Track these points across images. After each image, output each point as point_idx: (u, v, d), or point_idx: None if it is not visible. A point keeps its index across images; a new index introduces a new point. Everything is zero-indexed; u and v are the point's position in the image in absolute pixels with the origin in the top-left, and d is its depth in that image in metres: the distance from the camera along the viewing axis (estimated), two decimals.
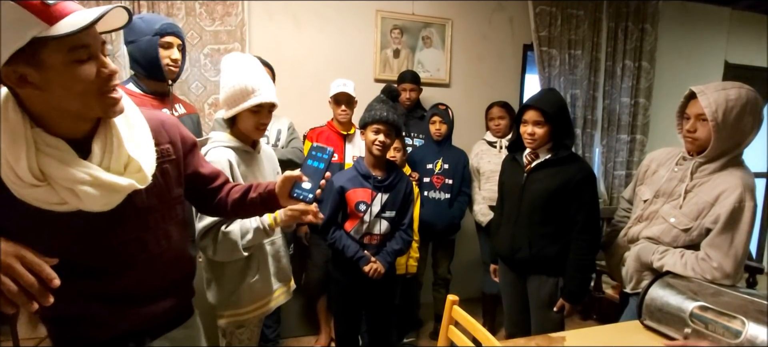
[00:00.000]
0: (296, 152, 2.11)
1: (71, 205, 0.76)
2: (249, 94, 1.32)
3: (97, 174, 0.76)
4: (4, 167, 0.71)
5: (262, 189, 1.07)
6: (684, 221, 1.39)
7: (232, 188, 1.11)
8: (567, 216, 1.63)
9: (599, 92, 3.12)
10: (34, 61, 0.69)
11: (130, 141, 0.83)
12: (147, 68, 1.57)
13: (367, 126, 1.77)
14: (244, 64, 1.35)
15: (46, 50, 0.69)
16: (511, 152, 1.85)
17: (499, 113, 2.57)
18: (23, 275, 0.70)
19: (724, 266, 1.29)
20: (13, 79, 0.70)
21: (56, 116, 0.76)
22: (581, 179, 1.60)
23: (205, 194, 1.10)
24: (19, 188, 0.72)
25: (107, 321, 0.91)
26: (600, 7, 3.02)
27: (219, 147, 1.34)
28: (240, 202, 1.08)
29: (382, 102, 1.78)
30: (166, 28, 1.57)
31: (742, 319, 1.06)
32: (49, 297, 0.73)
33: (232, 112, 1.35)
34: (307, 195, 1.01)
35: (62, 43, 0.69)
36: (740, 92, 1.31)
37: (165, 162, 0.93)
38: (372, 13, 2.74)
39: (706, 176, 1.38)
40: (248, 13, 2.45)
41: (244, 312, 1.41)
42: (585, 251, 1.62)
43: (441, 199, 2.43)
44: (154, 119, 0.94)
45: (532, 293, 1.74)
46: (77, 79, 0.72)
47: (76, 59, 0.72)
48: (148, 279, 0.94)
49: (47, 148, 0.74)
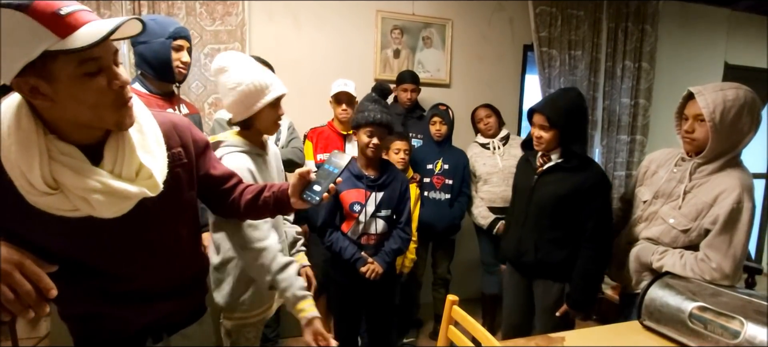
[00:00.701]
0: (296, 152, 2.11)
1: (83, 211, 0.76)
2: (265, 89, 1.26)
3: (109, 182, 0.76)
4: (18, 175, 0.71)
5: (276, 190, 1.07)
6: (683, 222, 1.39)
7: (246, 189, 1.11)
8: (577, 222, 1.59)
9: (599, 92, 3.12)
10: (45, 73, 0.68)
11: (142, 147, 0.83)
12: (158, 69, 1.59)
13: (359, 127, 1.75)
14: (247, 63, 1.30)
15: (56, 63, 0.68)
16: (525, 150, 1.83)
17: (485, 113, 2.57)
18: (21, 284, 0.70)
19: (723, 266, 1.29)
20: (25, 90, 0.70)
21: (69, 125, 0.76)
22: (593, 185, 1.56)
23: (217, 195, 1.09)
24: (32, 195, 0.72)
25: (124, 318, 0.93)
26: (600, 7, 3.03)
27: (235, 153, 1.27)
28: (253, 203, 1.08)
29: (374, 102, 1.76)
30: (179, 32, 1.62)
31: (740, 319, 1.07)
32: (45, 307, 0.72)
33: (250, 112, 1.26)
34: (314, 197, 1.02)
35: (72, 57, 0.68)
36: (738, 93, 1.31)
37: (177, 166, 0.93)
38: (372, 14, 2.74)
39: (704, 176, 1.38)
40: (248, 13, 2.45)
41: (253, 315, 1.40)
42: (592, 260, 1.58)
43: (441, 199, 2.43)
44: (166, 121, 0.94)
45: (538, 297, 1.72)
46: (88, 92, 0.72)
47: (86, 72, 0.71)
48: (161, 279, 0.95)
49: (60, 156, 0.74)
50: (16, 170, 0.71)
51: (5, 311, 0.69)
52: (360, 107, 1.78)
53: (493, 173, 2.50)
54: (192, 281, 1.06)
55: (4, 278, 0.69)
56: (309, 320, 1.15)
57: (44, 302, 0.72)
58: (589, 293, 1.61)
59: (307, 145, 2.33)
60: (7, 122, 0.72)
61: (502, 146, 2.54)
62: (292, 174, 1.12)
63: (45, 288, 0.72)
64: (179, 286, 1.01)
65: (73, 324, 0.94)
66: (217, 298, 1.39)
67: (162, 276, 0.95)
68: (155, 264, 0.93)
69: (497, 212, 2.48)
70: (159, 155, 0.86)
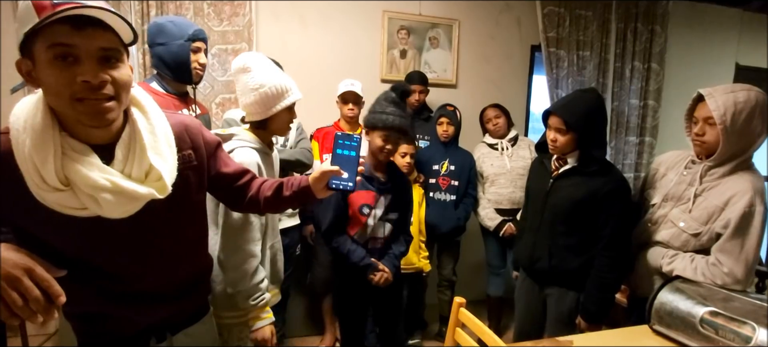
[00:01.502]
0: (305, 152, 2.11)
1: (91, 210, 0.77)
2: (285, 93, 1.32)
3: (118, 181, 0.77)
4: (30, 169, 0.72)
5: (296, 186, 1.08)
6: (694, 226, 1.37)
7: (263, 185, 1.11)
8: (593, 229, 1.53)
9: (608, 93, 3.09)
10: (31, 55, 0.72)
11: (153, 149, 0.84)
12: (176, 71, 1.61)
13: (375, 129, 1.65)
14: (269, 65, 1.34)
15: (35, 46, 0.71)
16: (539, 152, 1.76)
17: (494, 113, 2.54)
18: (30, 289, 0.70)
19: (735, 271, 1.27)
20: (24, 72, 0.73)
21: (62, 118, 0.76)
22: (611, 191, 1.49)
23: (234, 192, 1.10)
24: (42, 191, 0.73)
25: (128, 318, 0.93)
26: (609, 8, 3.00)
27: (246, 147, 1.31)
28: (273, 199, 1.09)
29: (393, 104, 1.66)
30: (197, 34, 1.64)
31: (752, 325, 1.05)
32: (54, 312, 0.73)
33: (268, 113, 1.32)
34: (347, 184, 1.02)
35: (45, 39, 0.70)
36: (749, 95, 1.29)
37: (186, 169, 0.94)
38: (379, 14, 2.74)
39: (715, 179, 1.36)
40: (256, 14, 2.46)
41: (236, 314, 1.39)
42: (608, 269, 1.50)
43: (446, 200, 2.42)
44: (178, 123, 0.94)
45: (551, 305, 1.67)
46: (52, 77, 0.71)
47: (57, 56, 0.70)
48: (166, 280, 0.96)
49: (73, 153, 0.75)
50: (29, 163, 0.72)
51: (14, 316, 0.69)
52: (377, 106, 1.68)
53: (501, 174, 2.48)
54: (196, 281, 1.07)
55: (13, 283, 0.69)
56: (257, 330, 1.30)
57: (53, 308, 0.72)
58: (602, 303, 1.54)
59: (313, 145, 2.33)
60: (25, 116, 0.74)
61: (510, 146, 2.52)
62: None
63: (54, 294, 0.72)
64: (183, 286, 1.02)
65: (78, 323, 0.94)
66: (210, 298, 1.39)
67: (167, 277, 0.96)
68: (161, 265, 0.93)
69: (504, 213, 2.47)
70: (169, 157, 0.87)
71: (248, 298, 1.27)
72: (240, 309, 1.29)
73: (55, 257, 0.78)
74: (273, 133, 1.39)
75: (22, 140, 0.72)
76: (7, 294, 0.68)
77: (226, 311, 1.37)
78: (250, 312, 1.30)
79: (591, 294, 1.54)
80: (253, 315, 1.31)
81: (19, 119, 0.74)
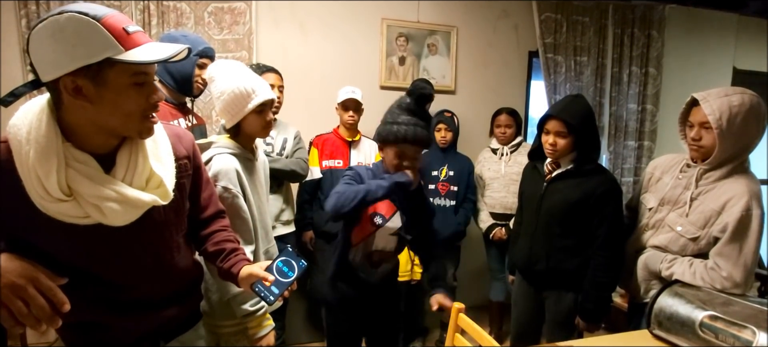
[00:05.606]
0: (300, 162, 2.11)
1: (93, 219, 0.78)
2: (249, 96, 1.30)
3: (123, 190, 0.78)
4: (32, 179, 0.73)
5: (230, 264, 1.04)
6: (691, 230, 1.37)
7: (217, 233, 1.09)
8: (588, 230, 1.56)
9: (606, 98, 3.10)
10: (98, 77, 0.74)
11: (154, 156, 0.85)
12: (179, 82, 1.64)
13: (387, 144, 1.43)
14: (233, 69, 1.34)
15: (113, 70, 0.74)
16: (532, 159, 1.79)
17: (506, 121, 2.54)
18: (35, 298, 0.71)
19: (734, 275, 1.27)
20: (68, 88, 0.73)
21: (91, 131, 0.79)
22: (604, 192, 1.53)
23: (192, 219, 1.06)
24: (45, 202, 0.74)
25: (123, 327, 0.93)
26: (605, 13, 3.02)
27: (225, 154, 1.31)
28: (209, 256, 1.08)
29: (407, 111, 1.44)
30: (206, 52, 1.68)
31: (752, 329, 1.05)
32: (58, 321, 0.74)
33: (236, 118, 1.32)
34: (268, 297, 0.98)
35: (129, 68, 0.76)
36: (743, 98, 1.30)
37: (182, 177, 0.95)
38: (377, 21, 2.76)
39: (711, 183, 1.37)
40: (256, 22, 2.48)
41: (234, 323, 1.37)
42: (604, 268, 1.54)
43: (446, 206, 2.43)
44: (172, 134, 0.96)
45: (549, 308, 1.68)
46: (130, 100, 0.78)
47: (136, 83, 0.78)
48: (161, 288, 0.96)
49: (75, 163, 0.76)
50: (32, 174, 0.73)
51: (18, 324, 0.70)
52: (389, 116, 1.46)
53: (495, 178, 2.50)
54: (189, 288, 1.07)
55: (18, 292, 0.70)
56: (261, 337, 1.31)
57: (57, 316, 0.73)
58: (600, 302, 1.57)
59: (312, 152, 2.34)
60: (28, 127, 0.74)
61: (510, 153, 2.53)
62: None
63: (58, 303, 0.73)
64: (177, 293, 1.02)
65: (69, 332, 0.91)
66: (203, 307, 1.34)
67: (162, 285, 0.96)
68: (157, 273, 0.93)
69: (497, 218, 2.49)
70: (168, 163, 0.88)
71: (242, 304, 1.27)
72: (237, 317, 1.29)
73: (52, 266, 0.78)
74: (250, 137, 1.38)
75: (25, 151, 0.73)
76: (12, 302, 0.69)
77: (224, 320, 1.36)
78: (248, 319, 1.29)
79: (588, 293, 1.57)
80: (253, 323, 1.30)
81: (21, 129, 0.74)
